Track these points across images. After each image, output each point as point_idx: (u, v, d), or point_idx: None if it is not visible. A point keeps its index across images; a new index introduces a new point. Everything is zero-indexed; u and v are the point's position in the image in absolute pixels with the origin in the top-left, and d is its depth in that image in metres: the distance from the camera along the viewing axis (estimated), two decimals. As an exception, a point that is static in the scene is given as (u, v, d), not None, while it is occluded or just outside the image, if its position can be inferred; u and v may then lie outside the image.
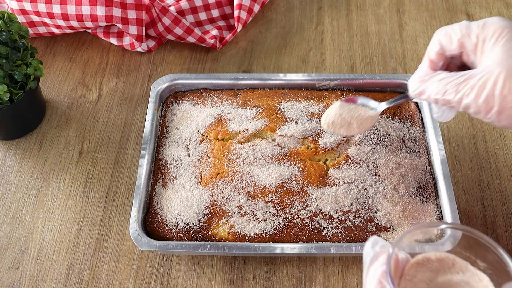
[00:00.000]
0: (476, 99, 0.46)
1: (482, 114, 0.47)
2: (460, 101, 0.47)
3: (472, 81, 0.47)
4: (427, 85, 0.51)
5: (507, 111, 0.45)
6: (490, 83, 0.45)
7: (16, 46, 0.70)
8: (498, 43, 0.46)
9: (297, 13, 0.95)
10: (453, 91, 0.48)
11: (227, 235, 0.63)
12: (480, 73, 0.46)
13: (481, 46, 0.48)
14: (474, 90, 0.46)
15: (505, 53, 0.45)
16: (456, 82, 0.48)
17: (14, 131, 0.77)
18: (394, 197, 0.64)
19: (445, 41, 0.51)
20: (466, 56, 0.50)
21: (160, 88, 0.75)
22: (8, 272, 0.66)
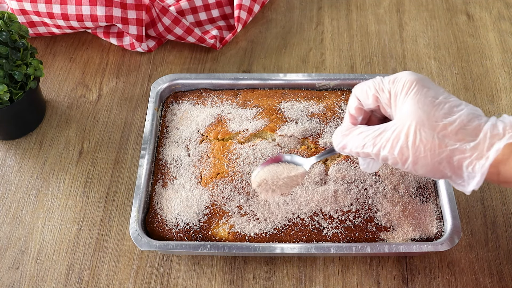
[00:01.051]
0: (392, 151, 0.48)
1: (399, 164, 0.49)
2: (378, 153, 0.49)
3: (386, 134, 0.49)
4: (348, 139, 0.53)
5: (421, 161, 0.47)
6: (403, 135, 0.47)
7: (16, 46, 0.70)
8: (408, 96, 0.48)
9: (297, 13, 0.95)
10: (371, 144, 0.50)
11: (227, 235, 0.63)
12: (393, 126, 0.49)
13: (394, 100, 0.50)
14: (389, 142, 0.48)
15: (415, 105, 0.47)
16: (373, 136, 0.50)
17: (14, 131, 0.77)
18: (394, 197, 0.64)
19: (362, 96, 0.53)
20: (383, 109, 0.53)
21: (160, 88, 0.75)
22: (8, 272, 0.66)
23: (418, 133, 0.47)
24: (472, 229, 0.69)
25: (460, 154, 0.46)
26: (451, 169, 0.47)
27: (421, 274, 0.65)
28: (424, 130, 0.47)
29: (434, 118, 0.47)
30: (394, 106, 0.50)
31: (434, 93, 0.48)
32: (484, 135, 0.46)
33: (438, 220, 0.64)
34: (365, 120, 0.56)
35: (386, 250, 0.60)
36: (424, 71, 0.85)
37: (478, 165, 0.45)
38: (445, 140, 0.46)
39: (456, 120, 0.46)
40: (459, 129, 0.46)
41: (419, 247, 0.60)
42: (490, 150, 0.45)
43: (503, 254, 0.66)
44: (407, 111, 0.48)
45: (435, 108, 0.47)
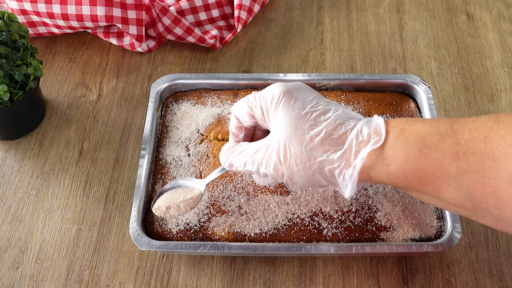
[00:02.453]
0: (268, 168, 0.49)
1: (278, 179, 0.49)
2: (258, 171, 0.50)
3: (261, 151, 0.50)
4: (232, 158, 0.53)
5: (296, 174, 0.48)
6: (275, 152, 0.48)
7: (16, 46, 0.70)
8: (277, 110, 0.49)
9: (297, 13, 0.95)
10: (250, 162, 0.51)
11: (227, 235, 0.63)
12: (266, 143, 0.49)
13: (266, 115, 0.51)
14: (264, 159, 0.49)
15: (282, 120, 0.48)
16: (251, 154, 0.51)
17: (14, 131, 0.77)
18: (394, 197, 0.64)
19: (240, 115, 0.54)
20: (261, 124, 0.53)
21: (160, 88, 0.75)
22: (8, 272, 0.66)
23: (288, 148, 0.47)
24: (472, 229, 0.69)
25: (329, 165, 0.46)
26: (325, 179, 0.48)
27: (421, 274, 0.65)
28: (293, 144, 0.47)
29: (300, 132, 0.47)
30: (268, 121, 0.51)
31: (300, 103, 0.48)
32: (349, 144, 0.46)
33: (438, 220, 0.64)
34: (248, 136, 0.57)
35: (386, 250, 0.60)
36: (424, 71, 0.85)
37: (347, 174, 0.46)
38: (313, 153, 0.47)
39: (322, 130, 0.47)
40: (325, 139, 0.46)
41: (419, 247, 0.60)
42: (356, 158, 0.45)
43: (503, 254, 0.66)
44: (277, 126, 0.49)
45: (301, 120, 0.47)
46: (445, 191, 0.42)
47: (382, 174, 0.45)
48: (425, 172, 0.43)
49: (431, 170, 0.42)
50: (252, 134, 0.58)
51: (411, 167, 0.43)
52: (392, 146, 0.44)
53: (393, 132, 0.45)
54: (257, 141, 0.51)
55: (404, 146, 0.44)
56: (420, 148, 0.43)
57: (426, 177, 0.43)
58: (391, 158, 0.44)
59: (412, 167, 0.43)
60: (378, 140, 0.45)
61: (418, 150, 0.43)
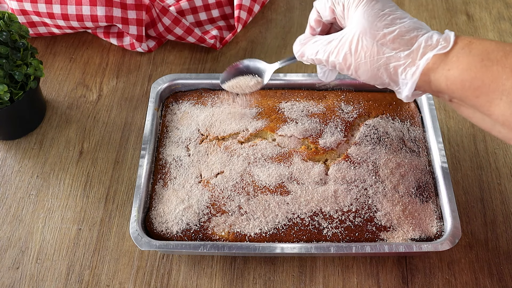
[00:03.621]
0: (338, 57, 0.53)
1: (345, 70, 0.54)
2: (328, 59, 0.55)
3: (335, 41, 0.54)
4: (305, 47, 0.58)
5: (362, 67, 0.52)
6: (347, 42, 0.52)
7: (16, 46, 0.70)
8: (357, 8, 0.53)
9: (297, 13, 0.95)
10: (322, 51, 0.55)
11: (227, 235, 0.63)
12: (341, 34, 0.53)
13: (346, 12, 0.54)
14: (336, 48, 0.53)
15: (361, 16, 0.52)
16: (324, 43, 0.55)
17: (14, 131, 0.77)
18: (394, 197, 0.64)
19: (321, 9, 0.58)
20: (339, 21, 0.57)
21: (160, 88, 0.75)
22: (8, 272, 0.66)
23: (360, 41, 0.51)
24: (472, 229, 0.69)
25: (395, 61, 0.50)
26: (388, 75, 0.51)
27: (421, 274, 0.65)
28: (366, 38, 0.51)
29: (375, 28, 0.51)
30: (346, 18, 0.54)
31: (381, 5, 0.52)
32: (418, 45, 0.49)
33: (438, 220, 0.64)
34: (324, 32, 0.61)
35: (386, 250, 0.60)
36: (424, 71, 0.85)
37: (410, 72, 0.49)
38: (383, 48, 0.50)
39: (395, 30, 0.50)
40: (396, 38, 0.50)
41: (419, 247, 0.60)
42: (421, 59, 0.49)
43: (503, 254, 0.67)
44: (355, 21, 0.52)
45: (379, 18, 0.51)
46: (496, 105, 0.45)
47: (441, 78, 0.48)
48: (482, 83, 0.45)
49: (487, 82, 0.45)
50: (327, 32, 0.61)
51: (470, 75, 0.46)
52: (456, 54, 0.47)
53: (460, 43, 0.48)
54: (332, 34, 0.55)
55: (468, 56, 0.47)
56: (483, 59, 0.46)
57: (481, 88, 0.46)
58: (453, 64, 0.47)
59: (471, 75, 0.46)
60: (446, 46, 0.48)
61: (480, 61, 0.46)
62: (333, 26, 0.60)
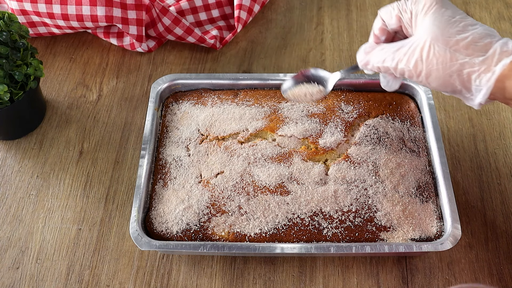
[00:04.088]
0: (408, 64, 0.52)
1: (414, 77, 0.53)
2: (396, 67, 0.54)
3: (404, 48, 0.53)
4: (370, 55, 0.57)
5: (434, 73, 0.51)
6: (418, 49, 0.52)
7: (16, 46, 0.70)
8: (427, 15, 0.52)
9: (297, 13, 0.95)
10: (390, 58, 0.54)
11: (227, 235, 0.63)
12: (411, 41, 0.53)
13: (414, 19, 0.54)
14: (406, 56, 0.53)
15: (431, 23, 0.51)
16: (392, 51, 0.54)
17: (14, 131, 0.77)
18: (394, 197, 0.64)
19: (386, 17, 0.58)
20: (405, 29, 0.56)
21: (160, 88, 0.75)
22: (8, 272, 0.66)
23: (432, 47, 0.51)
24: (472, 229, 0.69)
25: (469, 68, 0.49)
26: (461, 82, 0.50)
27: (421, 274, 0.65)
28: (438, 44, 0.50)
29: (447, 34, 0.50)
30: (414, 25, 0.54)
31: (451, 12, 0.51)
32: (493, 51, 0.49)
33: (438, 220, 0.64)
34: (388, 40, 0.60)
35: (386, 250, 0.60)
36: (424, 71, 0.85)
37: (484, 78, 0.49)
38: (456, 54, 0.50)
39: (468, 36, 0.50)
40: (470, 44, 0.49)
41: (419, 247, 0.60)
42: (497, 65, 0.48)
43: (503, 254, 0.67)
44: (425, 28, 0.52)
45: (450, 25, 0.50)
46: None
47: None
48: None
49: None
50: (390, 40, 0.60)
51: None
52: None
53: None
54: (400, 41, 0.55)
55: None
56: None
57: None
58: None
59: None
60: None
61: None
62: (397, 34, 0.60)
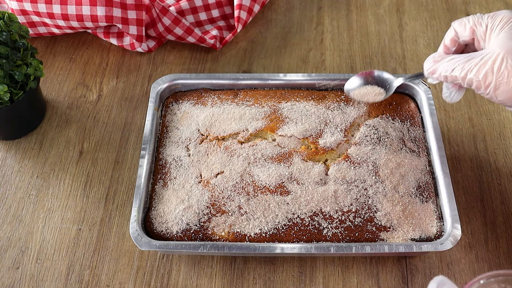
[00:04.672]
0: (477, 75, 0.53)
1: (482, 89, 0.53)
2: (465, 76, 0.54)
3: (476, 59, 0.54)
4: (439, 64, 0.58)
5: (503, 86, 0.52)
6: (490, 61, 0.52)
7: (16, 46, 0.70)
8: (502, 30, 0.53)
9: (297, 13, 0.95)
10: (460, 68, 0.55)
11: (227, 235, 0.63)
12: (483, 53, 0.54)
13: (489, 33, 0.55)
14: (476, 66, 0.53)
15: (507, 37, 0.53)
16: (463, 61, 0.55)
17: (14, 131, 0.77)
18: (394, 197, 0.64)
19: (460, 28, 0.58)
20: (478, 42, 0.57)
21: (160, 88, 0.75)
22: (8, 272, 0.66)
23: (505, 60, 0.52)
24: (472, 229, 0.69)
25: None
26: None
27: (421, 274, 0.65)
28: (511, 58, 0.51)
29: None
30: (488, 39, 0.55)
31: None
32: None
33: (438, 220, 0.64)
34: (458, 52, 0.61)
35: (386, 250, 0.60)
36: (424, 71, 0.85)
37: None
38: None
39: None
40: None
41: (419, 247, 0.60)
42: None
43: (503, 254, 0.67)
44: (499, 42, 0.53)
45: None
46: None
47: None
48: None
49: None
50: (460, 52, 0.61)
51: None
52: None
53: None
54: (470, 53, 0.55)
55: None
56: None
57: None
58: None
59: None
60: None
61: None
62: (467, 48, 0.60)
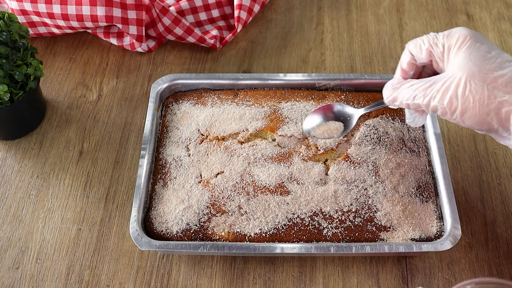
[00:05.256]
0: (442, 101, 0.50)
1: (448, 115, 0.51)
2: (428, 104, 0.51)
3: (437, 85, 0.51)
4: (399, 92, 0.55)
5: (470, 111, 0.49)
6: (453, 86, 0.49)
7: (16, 46, 0.70)
8: (461, 50, 0.50)
9: (297, 13, 0.95)
10: (421, 95, 0.52)
11: (227, 235, 0.63)
12: (444, 77, 0.50)
13: (446, 54, 0.52)
14: (439, 93, 0.50)
15: (466, 58, 0.49)
16: (423, 87, 0.52)
17: (14, 131, 0.77)
18: (394, 197, 0.64)
19: (415, 51, 0.55)
20: (436, 64, 0.54)
21: (160, 88, 0.75)
22: (8, 272, 0.66)
23: (468, 84, 0.48)
24: (472, 229, 0.69)
25: (508, 106, 0.47)
26: (498, 121, 0.48)
27: (421, 274, 0.65)
28: (475, 81, 0.48)
29: (485, 71, 0.48)
30: (446, 60, 0.52)
31: (487, 48, 0.50)
32: None
33: (438, 220, 0.64)
34: (416, 75, 0.58)
35: (386, 250, 0.60)
36: (424, 71, 0.85)
37: None
38: (494, 92, 0.48)
39: (507, 73, 0.48)
40: (509, 82, 0.47)
41: (419, 247, 0.60)
42: None
43: (503, 254, 0.67)
44: (459, 63, 0.50)
45: (487, 61, 0.49)
46: None
47: None
48: None
49: None
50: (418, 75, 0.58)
51: None
52: None
53: None
54: (430, 77, 0.52)
55: None
56: None
57: None
58: None
59: None
60: None
61: None
62: (425, 69, 0.57)
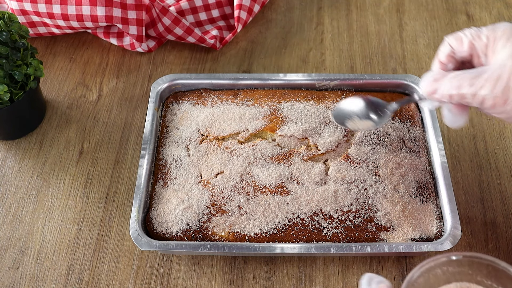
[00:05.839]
0: (495, 91, 0.47)
1: (496, 107, 0.48)
2: (475, 93, 0.49)
3: (486, 74, 0.48)
4: (440, 83, 0.52)
5: None
6: (506, 74, 0.47)
7: (16, 46, 0.70)
8: (509, 41, 0.48)
9: (297, 13, 0.95)
10: (467, 84, 0.49)
11: (227, 235, 0.63)
12: (493, 67, 0.48)
13: (491, 46, 0.50)
14: (489, 81, 0.48)
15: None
16: (470, 77, 0.49)
17: (14, 131, 0.77)
18: (394, 197, 0.64)
19: (456, 43, 0.53)
20: (477, 58, 0.52)
21: (160, 88, 0.75)
22: (8, 272, 0.66)
23: None
24: (472, 229, 0.69)
25: None
26: None
27: (421, 274, 0.65)
28: None
29: None
30: (492, 52, 0.50)
31: None
32: None
33: (438, 220, 0.64)
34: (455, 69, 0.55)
35: (386, 250, 0.61)
36: (424, 71, 0.85)
37: None
38: None
39: None
40: None
41: (419, 247, 0.60)
42: None
43: (503, 254, 0.67)
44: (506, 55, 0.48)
45: None
46: None
47: None
48: None
49: None
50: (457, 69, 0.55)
51: None
52: None
53: None
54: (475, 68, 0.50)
55: None
56: None
57: None
58: None
59: None
60: None
61: None
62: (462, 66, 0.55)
